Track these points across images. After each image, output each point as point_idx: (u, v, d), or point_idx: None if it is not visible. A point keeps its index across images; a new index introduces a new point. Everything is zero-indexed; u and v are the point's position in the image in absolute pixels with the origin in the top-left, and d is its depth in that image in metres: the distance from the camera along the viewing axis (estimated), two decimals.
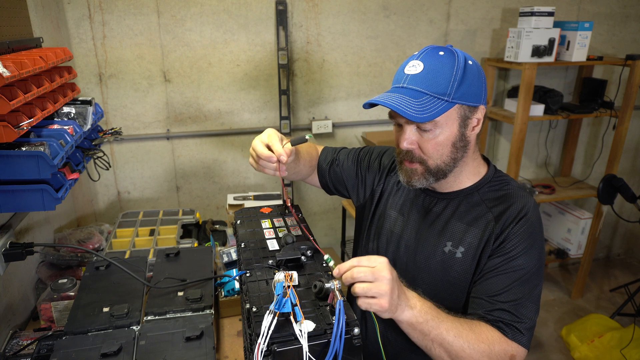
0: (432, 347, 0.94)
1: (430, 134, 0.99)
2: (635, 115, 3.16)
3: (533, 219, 1.03)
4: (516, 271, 1.00)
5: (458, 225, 1.07)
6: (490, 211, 1.05)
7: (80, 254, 1.64)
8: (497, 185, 1.09)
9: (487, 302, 1.00)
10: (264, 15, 2.39)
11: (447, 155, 1.02)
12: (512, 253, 1.01)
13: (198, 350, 1.04)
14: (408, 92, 0.97)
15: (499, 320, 0.98)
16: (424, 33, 2.64)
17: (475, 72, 1.00)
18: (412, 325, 0.92)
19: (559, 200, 3.07)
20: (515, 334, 0.98)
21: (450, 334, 0.93)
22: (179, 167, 2.56)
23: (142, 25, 2.27)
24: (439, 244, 1.09)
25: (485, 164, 1.14)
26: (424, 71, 0.97)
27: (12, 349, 1.27)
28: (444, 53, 0.99)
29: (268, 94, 2.53)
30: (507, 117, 2.69)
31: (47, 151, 1.10)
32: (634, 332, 2.54)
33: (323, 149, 1.37)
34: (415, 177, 1.05)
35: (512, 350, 0.97)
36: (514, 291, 0.99)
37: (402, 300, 0.89)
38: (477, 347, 0.94)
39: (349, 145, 2.76)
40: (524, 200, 1.04)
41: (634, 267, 3.60)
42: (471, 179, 1.10)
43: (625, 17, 2.96)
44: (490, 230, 1.03)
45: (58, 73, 1.36)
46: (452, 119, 0.99)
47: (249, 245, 1.04)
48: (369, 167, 1.30)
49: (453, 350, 0.93)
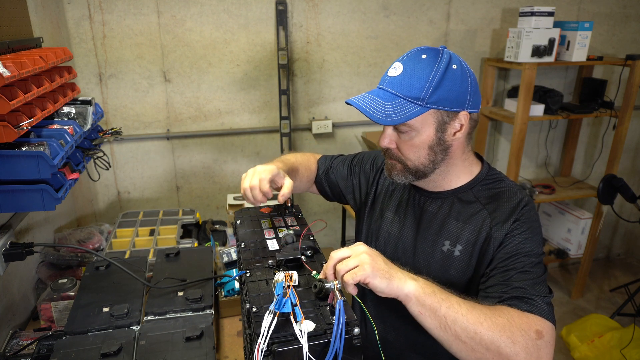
0: (446, 326, 0.84)
1: (407, 135, 1.02)
2: (635, 115, 3.16)
3: (530, 212, 1.03)
4: (526, 256, 0.98)
5: (454, 224, 1.08)
6: (485, 208, 1.05)
7: (80, 254, 1.64)
8: (490, 183, 1.10)
9: (500, 289, 0.95)
10: (264, 15, 2.39)
11: (424, 158, 1.04)
12: (517, 246, 0.99)
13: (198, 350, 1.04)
14: (382, 94, 1.00)
15: (514, 298, 0.91)
16: (424, 33, 2.64)
17: (458, 77, 0.99)
18: (420, 300, 0.84)
19: (559, 200, 3.07)
20: (534, 307, 0.90)
21: (463, 307, 0.85)
22: (179, 167, 2.56)
23: (142, 25, 2.27)
24: (437, 244, 1.09)
25: (478, 162, 1.14)
26: (401, 74, 0.99)
27: (12, 349, 1.27)
28: (427, 56, 0.99)
29: (268, 94, 2.53)
30: (507, 117, 2.69)
31: (47, 151, 1.10)
32: (634, 332, 2.54)
33: (320, 159, 1.42)
34: (395, 172, 1.08)
35: (536, 325, 0.87)
36: (525, 275, 0.95)
37: (394, 271, 0.85)
38: (495, 320, 0.85)
39: (348, 145, 2.76)
40: (519, 195, 1.05)
41: (634, 267, 3.60)
42: (463, 178, 1.10)
43: (625, 17, 2.96)
44: (487, 228, 1.03)
45: (58, 73, 1.36)
46: (428, 123, 1.00)
47: (249, 245, 1.04)
48: (362, 171, 1.33)
49: (470, 324, 0.83)
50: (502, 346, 0.83)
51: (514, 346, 0.83)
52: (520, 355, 0.83)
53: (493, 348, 0.83)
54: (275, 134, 2.62)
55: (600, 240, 3.50)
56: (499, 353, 0.83)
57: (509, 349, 0.83)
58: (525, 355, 0.83)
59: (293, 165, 1.28)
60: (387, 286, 0.83)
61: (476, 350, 0.84)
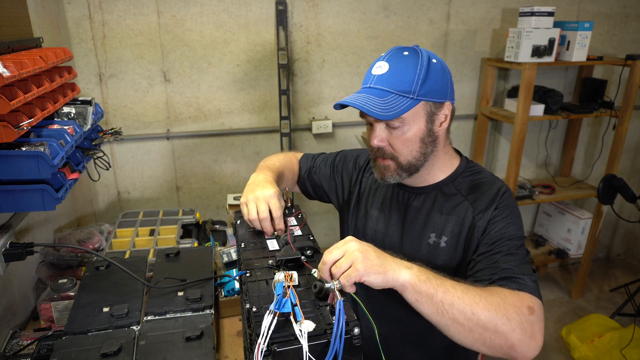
0: (443, 310, 0.85)
1: (399, 131, 1.05)
2: (635, 115, 3.16)
3: (509, 199, 1.09)
4: (510, 240, 1.02)
5: (438, 216, 1.12)
6: (467, 199, 1.10)
7: (80, 254, 1.64)
8: (470, 175, 1.15)
9: (489, 271, 0.99)
10: (264, 15, 2.39)
11: (416, 151, 1.07)
12: (500, 231, 1.04)
13: (198, 350, 1.04)
14: (374, 91, 1.03)
15: (503, 278, 0.95)
16: (424, 33, 2.64)
17: (440, 70, 1.05)
18: (416, 288, 0.85)
19: (559, 200, 3.07)
20: (523, 285, 0.94)
21: (458, 290, 0.87)
22: (179, 167, 2.56)
23: (142, 25, 2.27)
24: (424, 237, 1.13)
25: (457, 156, 1.19)
26: (389, 71, 1.03)
27: (12, 349, 1.27)
28: (409, 53, 1.05)
29: (268, 94, 2.53)
30: (507, 117, 2.69)
31: (47, 151, 1.10)
32: (634, 332, 2.54)
33: (301, 159, 1.44)
34: (389, 174, 1.10)
35: (527, 302, 0.90)
36: (511, 257, 1.00)
37: (388, 262, 0.85)
38: (489, 299, 0.87)
39: (348, 145, 2.76)
40: (497, 185, 1.10)
41: (634, 267, 3.60)
42: (445, 171, 1.15)
43: (625, 17, 2.96)
44: (470, 217, 1.08)
45: (58, 73, 1.36)
46: (419, 116, 1.04)
47: (249, 245, 1.04)
48: (345, 169, 1.36)
49: (466, 305, 0.85)
50: (499, 324, 0.85)
51: (510, 323, 0.86)
52: (516, 331, 0.86)
53: (490, 327, 0.85)
54: (275, 134, 2.62)
55: (600, 240, 3.50)
56: (496, 331, 0.85)
57: (506, 327, 0.85)
58: (521, 331, 0.86)
59: (279, 170, 1.29)
60: (383, 280, 0.84)
61: (474, 331, 0.86)
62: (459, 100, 2.88)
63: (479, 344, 0.87)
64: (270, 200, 1.07)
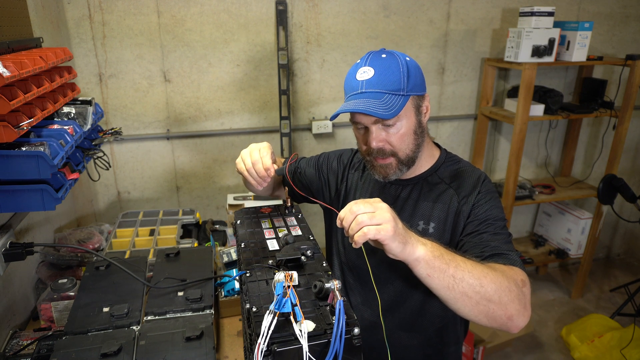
0: (453, 285, 0.88)
1: (394, 128, 1.09)
2: (635, 115, 3.16)
3: (489, 184, 1.16)
4: (495, 220, 1.09)
5: (425, 204, 1.18)
6: (450, 187, 1.17)
7: (80, 254, 1.64)
8: (451, 165, 1.22)
9: (479, 249, 1.04)
10: (264, 15, 2.39)
11: (412, 144, 1.13)
12: (485, 213, 1.10)
13: (198, 350, 1.04)
14: (369, 95, 1.06)
15: (493, 255, 1.01)
16: (424, 33, 2.64)
17: (415, 66, 1.12)
18: (429, 262, 0.88)
19: (559, 200, 3.07)
20: (512, 261, 1.00)
21: (467, 264, 0.91)
22: (179, 167, 2.56)
23: (142, 25, 2.27)
24: (412, 225, 1.17)
25: (437, 147, 1.26)
26: (376, 74, 1.07)
27: (12, 349, 1.27)
28: (386, 55, 1.09)
29: (268, 94, 2.53)
30: (507, 117, 2.69)
31: (47, 151, 1.10)
32: (634, 332, 2.54)
33: (285, 161, 1.45)
34: (391, 171, 1.14)
35: (519, 275, 0.97)
36: (497, 237, 1.06)
37: (409, 235, 0.88)
38: (493, 273, 0.92)
39: (348, 145, 2.75)
40: (477, 172, 1.18)
41: (634, 267, 3.60)
42: (428, 161, 1.22)
43: (625, 17, 2.96)
44: (455, 203, 1.14)
45: (58, 73, 1.36)
46: (410, 110, 1.09)
47: (249, 245, 1.04)
48: (330, 169, 1.40)
49: (475, 279, 0.89)
50: (503, 295, 0.90)
51: (510, 294, 0.91)
52: (515, 302, 0.92)
53: (495, 299, 0.90)
54: (275, 134, 2.62)
55: (600, 240, 3.50)
56: (500, 302, 0.90)
57: (507, 298, 0.91)
58: (518, 302, 0.92)
59: None
60: (401, 251, 0.86)
61: (480, 303, 0.90)
62: (459, 100, 2.88)
63: (482, 315, 0.91)
64: (260, 148, 1.15)
